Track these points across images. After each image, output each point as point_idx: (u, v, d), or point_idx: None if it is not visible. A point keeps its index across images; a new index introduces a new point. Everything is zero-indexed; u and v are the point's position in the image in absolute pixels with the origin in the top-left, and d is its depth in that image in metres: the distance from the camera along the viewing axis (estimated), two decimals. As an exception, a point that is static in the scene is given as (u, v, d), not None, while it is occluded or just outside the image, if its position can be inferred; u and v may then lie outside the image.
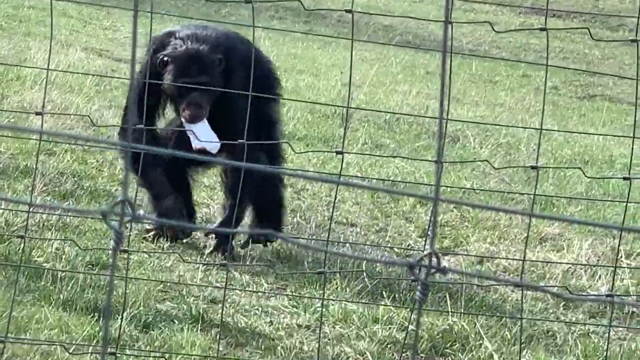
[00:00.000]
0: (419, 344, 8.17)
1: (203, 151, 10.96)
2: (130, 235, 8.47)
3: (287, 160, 11.06)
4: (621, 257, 9.61)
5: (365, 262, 9.71)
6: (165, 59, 9.97)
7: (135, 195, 9.35)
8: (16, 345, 7.49)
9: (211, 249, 9.75)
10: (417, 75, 21.52)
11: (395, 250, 10.00)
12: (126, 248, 8.11)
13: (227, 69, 10.00)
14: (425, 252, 2.91)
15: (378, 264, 9.71)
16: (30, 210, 8.90)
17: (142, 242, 9.49)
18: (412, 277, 3.14)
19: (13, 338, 7.48)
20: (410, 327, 8.41)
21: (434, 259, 2.78)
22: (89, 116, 10.86)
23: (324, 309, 8.39)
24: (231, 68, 10.03)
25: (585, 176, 10.91)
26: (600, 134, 12.32)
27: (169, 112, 10.24)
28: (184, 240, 9.53)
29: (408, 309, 8.70)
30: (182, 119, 11.03)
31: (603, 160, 14.05)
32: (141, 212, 3.56)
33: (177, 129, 10.42)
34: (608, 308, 8.97)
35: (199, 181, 10.79)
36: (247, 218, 10.36)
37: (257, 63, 9.89)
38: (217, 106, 10.16)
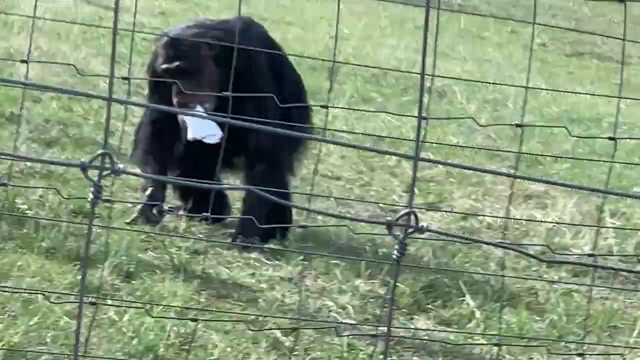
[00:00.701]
0: (400, 299, 8.20)
1: (200, 142, 10.41)
2: (113, 184, 8.45)
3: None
4: (605, 216, 9.64)
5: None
6: (154, 48, 9.87)
7: (119, 146, 9.08)
8: (1, 295, 7.45)
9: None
10: (406, 29, 21.69)
11: (380, 205, 10.03)
12: (109, 198, 8.07)
13: (224, 56, 9.70)
14: (404, 212, 2.93)
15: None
16: (13, 159, 8.89)
17: (126, 192, 9.47)
18: (391, 235, 3.17)
19: None
20: (390, 281, 8.47)
21: (413, 218, 2.80)
22: (74, 65, 10.75)
23: (306, 263, 8.39)
24: (228, 55, 9.65)
25: (571, 135, 10.87)
26: (588, 93, 12.38)
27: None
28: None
29: (390, 264, 8.70)
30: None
31: (590, 118, 14.20)
32: (120, 165, 3.49)
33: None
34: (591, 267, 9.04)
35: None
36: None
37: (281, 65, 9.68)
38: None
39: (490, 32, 22.76)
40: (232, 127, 9.36)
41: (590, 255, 8.84)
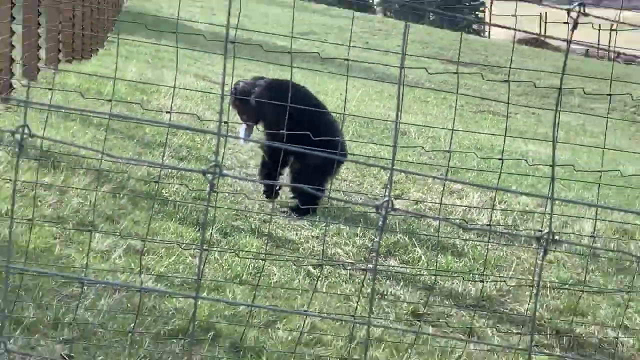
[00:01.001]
0: (380, 250, 8.22)
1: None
2: (218, 181, 8.43)
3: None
4: (496, 203, 9.66)
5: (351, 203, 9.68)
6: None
7: (221, 160, 9.07)
8: (153, 244, 7.44)
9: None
10: (385, 96, 21.44)
11: (369, 196, 9.98)
12: (216, 191, 8.04)
13: (259, 105, 9.52)
14: (385, 199, 2.90)
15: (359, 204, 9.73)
16: (161, 167, 8.93)
17: (225, 187, 9.51)
18: (377, 213, 3.18)
19: (150, 239, 7.33)
20: (375, 239, 8.43)
21: (390, 204, 2.81)
22: (197, 115, 10.75)
23: (327, 227, 8.36)
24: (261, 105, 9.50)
25: (477, 156, 10.85)
26: (485, 133, 12.18)
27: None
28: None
29: (376, 229, 8.74)
30: None
31: (488, 147, 14.06)
32: (225, 171, 3.37)
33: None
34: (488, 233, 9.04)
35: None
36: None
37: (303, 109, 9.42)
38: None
39: (431, 98, 22.62)
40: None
41: (487, 225, 8.81)
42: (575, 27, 2.90)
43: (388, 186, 4.20)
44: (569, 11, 2.93)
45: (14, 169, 2.86)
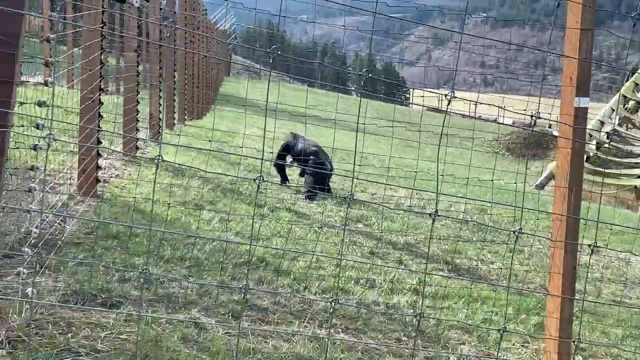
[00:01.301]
0: (352, 218, 8.02)
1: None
2: (262, 185, 8.34)
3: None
4: (422, 199, 9.40)
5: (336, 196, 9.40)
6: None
7: (260, 172, 8.90)
8: (233, 216, 7.27)
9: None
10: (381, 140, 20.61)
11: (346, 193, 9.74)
12: (261, 190, 7.89)
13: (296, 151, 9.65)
14: (350, 194, 2.91)
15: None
16: (237, 178, 8.72)
17: (272, 186, 9.32)
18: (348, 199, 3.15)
19: (232, 213, 7.21)
20: (349, 213, 8.22)
21: (354, 196, 2.86)
22: (256, 149, 10.52)
23: (324, 207, 8.21)
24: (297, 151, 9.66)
25: (402, 170, 10.55)
26: (408, 158, 11.88)
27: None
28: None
29: (347, 208, 8.50)
30: None
31: (410, 165, 13.69)
32: (264, 178, 3.33)
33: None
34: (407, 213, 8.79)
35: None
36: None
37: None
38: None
39: (380, 139, 21.71)
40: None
41: (409, 206, 8.54)
42: (449, 102, 3.01)
43: (351, 193, 4.22)
44: (445, 95, 3.04)
45: (154, 178, 2.93)
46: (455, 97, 2.97)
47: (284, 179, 10.29)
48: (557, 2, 4.10)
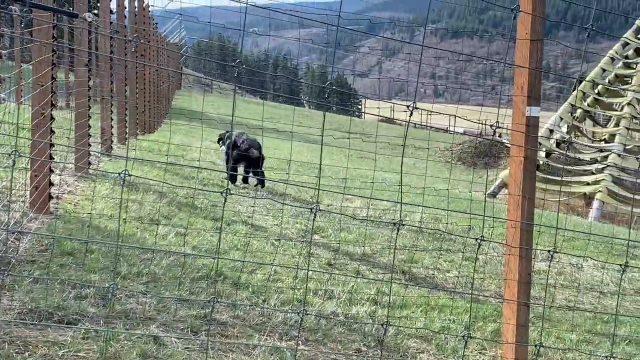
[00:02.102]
0: (307, 231, 7.96)
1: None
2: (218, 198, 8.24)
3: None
4: (376, 207, 9.45)
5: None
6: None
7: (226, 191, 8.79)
8: (190, 230, 7.17)
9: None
10: (310, 150, 20.67)
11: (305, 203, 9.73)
12: (216, 204, 7.81)
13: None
14: (315, 204, 2.96)
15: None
16: (194, 189, 8.68)
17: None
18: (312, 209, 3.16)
19: (189, 227, 7.12)
20: (309, 225, 8.17)
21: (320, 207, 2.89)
22: (212, 162, 10.45)
23: (282, 219, 8.15)
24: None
25: (358, 181, 10.57)
26: (363, 168, 11.81)
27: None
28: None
29: (309, 220, 8.44)
30: None
31: (366, 176, 13.69)
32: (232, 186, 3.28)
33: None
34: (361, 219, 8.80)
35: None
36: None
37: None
38: None
39: (333, 150, 21.85)
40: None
41: (365, 217, 8.58)
42: (411, 114, 3.05)
43: (316, 204, 4.24)
44: (408, 107, 3.10)
45: (121, 193, 2.91)
46: (417, 109, 3.02)
47: (234, 180, 11.05)
48: (514, 14, 4.19)
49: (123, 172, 2.79)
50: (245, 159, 10.74)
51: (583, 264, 8.65)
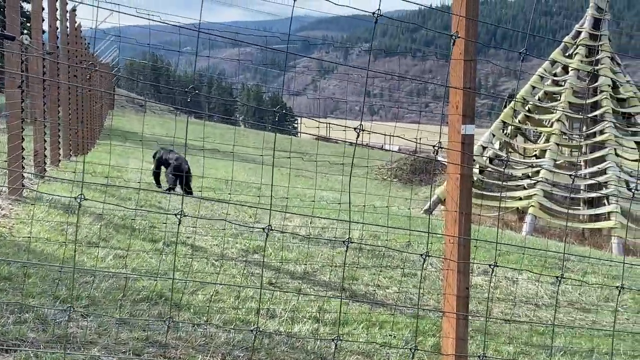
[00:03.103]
0: (246, 250, 7.89)
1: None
2: (155, 220, 8.08)
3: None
4: (311, 222, 9.42)
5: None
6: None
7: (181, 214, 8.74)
8: (129, 252, 7.08)
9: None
10: (247, 169, 20.46)
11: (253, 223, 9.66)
12: (156, 225, 7.78)
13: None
14: (268, 226, 2.97)
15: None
16: (135, 210, 8.57)
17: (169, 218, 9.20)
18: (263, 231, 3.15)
19: (128, 249, 7.07)
20: (257, 244, 8.11)
21: (270, 227, 2.92)
22: (149, 183, 10.35)
23: (224, 239, 8.08)
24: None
25: (300, 199, 10.59)
26: (301, 187, 11.69)
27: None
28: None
29: (265, 238, 8.38)
30: None
31: (304, 195, 13.63)
32: (185, 215, 3.25)
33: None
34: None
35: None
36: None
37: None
38: None
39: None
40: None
41: (308, 234, 8.59)
42: (358, 135, 3.12)
43: (269, 218, 4.26)
44: (355, 128, 3.19)
45: (77, 219, 2.85)
46: (364, 130, 3.11)
47: (159, 184, 12.31)
48: (453, 40, 4.32)
49: (79, 197, 2.76)
50: (176, 172, 12.02)
51: (518, 277, 8.81)
